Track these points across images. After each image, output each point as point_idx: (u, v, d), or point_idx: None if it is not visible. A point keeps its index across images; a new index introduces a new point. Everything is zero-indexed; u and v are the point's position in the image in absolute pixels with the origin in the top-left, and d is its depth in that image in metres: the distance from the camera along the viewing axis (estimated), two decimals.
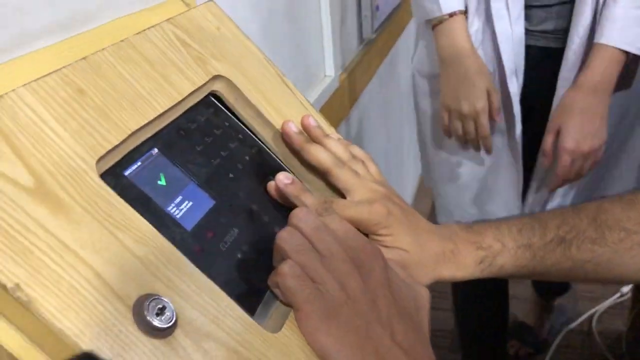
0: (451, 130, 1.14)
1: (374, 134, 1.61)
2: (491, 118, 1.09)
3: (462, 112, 1.09)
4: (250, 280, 0.42)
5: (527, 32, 1.11)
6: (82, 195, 0.34)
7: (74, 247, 0.32)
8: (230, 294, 0.38)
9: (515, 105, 1.13)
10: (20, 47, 0.41)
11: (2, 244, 0.29)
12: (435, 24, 1.09)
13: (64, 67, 0.38)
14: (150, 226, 0.36)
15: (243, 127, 0.53)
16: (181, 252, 0.37)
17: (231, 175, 0.48)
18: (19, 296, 0.28)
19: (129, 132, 0.40)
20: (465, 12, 1.10)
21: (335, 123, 1.15)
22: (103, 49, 0.42)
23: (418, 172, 2.47)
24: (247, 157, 0.51)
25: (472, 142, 1.13)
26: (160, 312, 0.32)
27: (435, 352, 0.42)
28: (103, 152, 0.37)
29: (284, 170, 0.53)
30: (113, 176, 0.39)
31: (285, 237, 0.41)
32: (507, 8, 1.08)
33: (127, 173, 0.40)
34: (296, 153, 0.54)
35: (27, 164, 0.32)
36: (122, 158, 0.40)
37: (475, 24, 1.11)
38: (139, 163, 0.41)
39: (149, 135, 0.43)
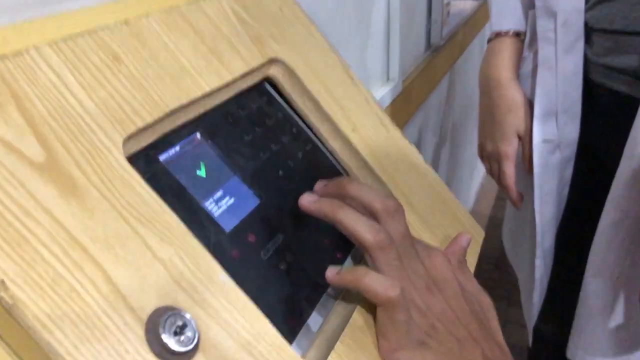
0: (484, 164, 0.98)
1: (434, 142, 1.52)
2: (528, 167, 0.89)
3: (487, 150, 0.93)
4: (292, 298, 0.36)
5: (590, 63, 0.84)
6: (101, 178, 0.28)
7: (83, 239, 0.26)
8: (268, 313, 0.31)
9: (537, 155, 0.87)
10: (55, 4, 0.36)
11: None
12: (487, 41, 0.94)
13: (100, 29, 0.33)
14: (181, 223, 0.30)
15: (298, 119, 0.46)
16: (215, 256, 0.31)
17: (280, 173, 0.41)
18: (1, 297, 0.22)
19: (167, 110, 0.34)
20: (520, 34, 0.89)
21: None
22: (148, 15, 0.36)
23: (474, 191, 2.37)
24: (299, 154, 0.44)
25: (498, 184, 0.94)
26: (180, 331, 0.26)
27: None
28: (133, 129, 0.31)
29: (337, 171, 0.47)
30: (145, 160, 0.33)
31: (382, 245, 0.35)
32: (555, 29, 0.81)
33: (162, 158, 0.34)
34: (354, 153, 0.47)
35: (39, 133, 0.27)
36: (158, 140, 0.34)
37: (533, 47, 0.88)
38: (177, 148, 0.36)
39: (191, 117, 0.37)
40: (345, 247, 0.42)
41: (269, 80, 0.46)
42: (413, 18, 1.17)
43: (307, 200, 0.38)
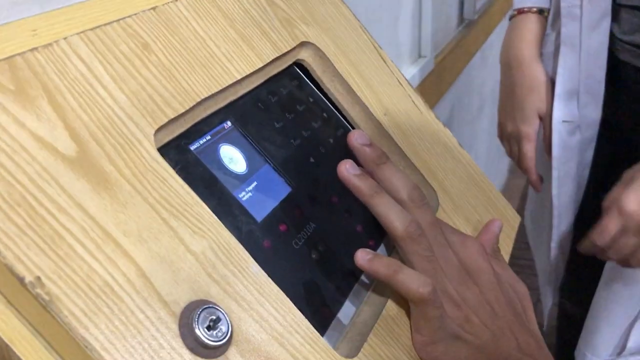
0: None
1: (467, 120, 1.49)
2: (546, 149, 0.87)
3: (507, 131, 0.91)
4: (325, 289, 0.35)
5: (617, 41, 0.80)
6: (133, 171, 0.28)
7: (116, 234, 0.26)
8: (300, 304, 0.31)
9: (556, 136, 0.85)
10: None
11: (26, 225, 0.23)
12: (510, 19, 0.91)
13: (128, 16, 0.32)
14: (213, 215, 0.30)
15: (329, 104, 0.46)
16: (247, 247, 0.30)
17: (312, 160, 0.41)
18: (38, 293, 0.22)
19: (198, 99, 0.33)
20: (543, 12, 0.87)
21: None
22: (177, 0, 0.36)
23: (506, 168, 2.32)
24: (331, 140, 0.43)
25: (518, 166, 0.92)
26: (213, 324, 0.26)
27: None
28: (165, 120, 0.31)
29: None
30: (176, 150, 0.33)
31: (412, 236, 0.35)
32: (581, 5, 0.78)
33: (193, 147, 0.34)
34: (387, 137, 0.46)
35: (71, 128, 0.27)
36: (189, 129, 0.34)
37: (557, 24, 0.85)
38: (208, 137, 0.35)
39: (221, 105, 0.37)
40: (377, 234, 0.41)
41: (299, 63, 0.45)
42: None
43: (348, 172, 0.37)
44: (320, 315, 0.34)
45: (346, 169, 0.37)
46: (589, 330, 0.87)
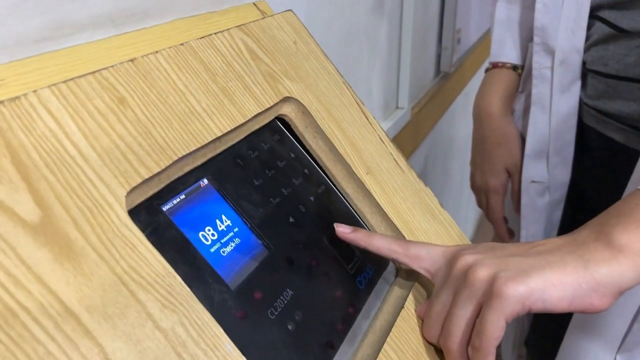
0: None
1: (441, 171, 1.50)
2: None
3: (476, 182, 0.91)
4: None
5: (583, 105, 0.78)
6: (100, 238, 0.26)
7: (78, 310, 0.23)
8: None
9: (525, 196, 0.84)
10: (57, 39, 0.33)
11: None
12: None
13: (104, 68, 0.31)
14: (185, 286, 0.28)
15: (310, 160, 0.44)
16: (219, 318, 0.28)
17: (291, 220, 0.39)
18: None
19: (175, 158, 0.31)
20: (517, 68, 0.87)
21: None
22: (157, 52, 0.34)
23: (476, 215, 2.34)
24: (311, 198, 0.42)
25: (487, 218, 0.91)
26: None
27: None
28: (139, 180, 0.29)
29: (351, 215, 0.44)
30: (147, 211, 0.31)
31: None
32: (552, 66, 0.76)
33: (166, 208, 0.32)
34: (368, 197, 0.45)
35: (34, 189, 0.24)
36: (162, 189, 0.32)
37: (528, 85, 0.85)
38: (182, 196, 0.33)
39: (199, 162, 0.35)
40: (357, 301, 0.39)
41: (281, 119, 0.43)
42: (424, 44, 1.16)
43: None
44: None
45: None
46: None
